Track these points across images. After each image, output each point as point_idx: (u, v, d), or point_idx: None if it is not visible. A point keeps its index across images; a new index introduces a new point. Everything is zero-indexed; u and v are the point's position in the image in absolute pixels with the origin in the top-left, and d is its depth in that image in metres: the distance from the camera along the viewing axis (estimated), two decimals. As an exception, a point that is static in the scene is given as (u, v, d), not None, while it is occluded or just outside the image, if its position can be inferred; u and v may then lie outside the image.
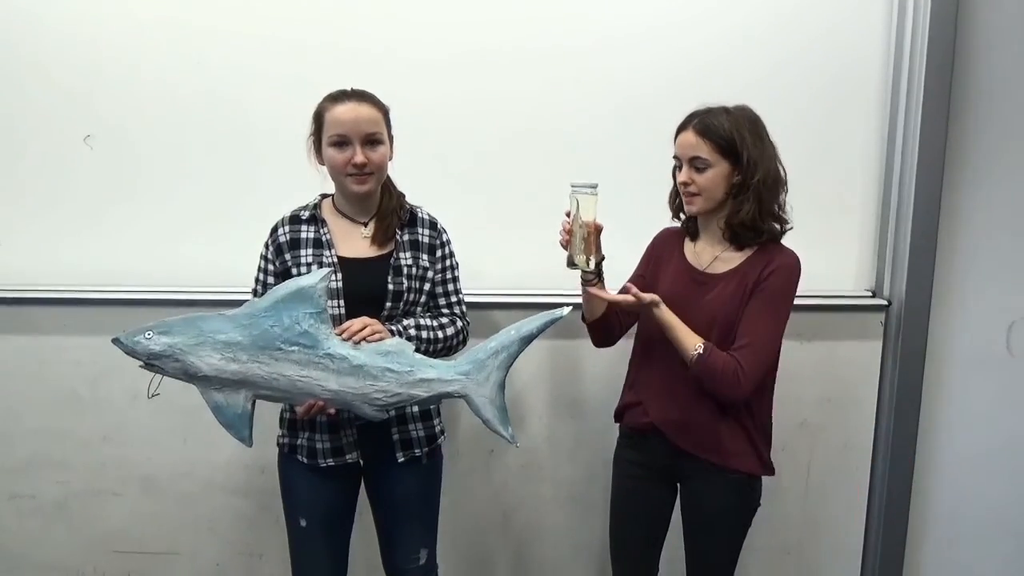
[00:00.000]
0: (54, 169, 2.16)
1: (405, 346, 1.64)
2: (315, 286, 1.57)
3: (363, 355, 1.60)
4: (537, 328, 1.70)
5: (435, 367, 1.65)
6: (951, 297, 2.28)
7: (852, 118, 2.23)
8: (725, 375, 1.61)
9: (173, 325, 1.57)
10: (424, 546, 1.86)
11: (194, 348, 1.55)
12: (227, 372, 1.57)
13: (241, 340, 1.56)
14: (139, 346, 1.55)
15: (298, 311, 1.56)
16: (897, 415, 2.26)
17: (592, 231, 1.64)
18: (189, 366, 1.56)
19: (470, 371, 1.67)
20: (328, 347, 1.58)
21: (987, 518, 2.39)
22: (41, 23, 2.11)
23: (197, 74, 2.13)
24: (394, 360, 1.61)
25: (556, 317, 1.69)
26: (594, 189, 1.63)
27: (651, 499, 1.83)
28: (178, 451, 2.25)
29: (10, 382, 2.22)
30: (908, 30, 2.14)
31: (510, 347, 1.69)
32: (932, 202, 2.18)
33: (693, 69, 2.15)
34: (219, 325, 1.57)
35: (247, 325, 1.57)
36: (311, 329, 1.57)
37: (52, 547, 2.30)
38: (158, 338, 1.55)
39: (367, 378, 1.59)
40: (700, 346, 1.63)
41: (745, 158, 1.63)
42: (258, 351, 1.56)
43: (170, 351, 1.55)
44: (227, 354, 1.56)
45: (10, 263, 2.19)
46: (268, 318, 1.56)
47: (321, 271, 1.62)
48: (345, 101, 1.69)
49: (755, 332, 1.64)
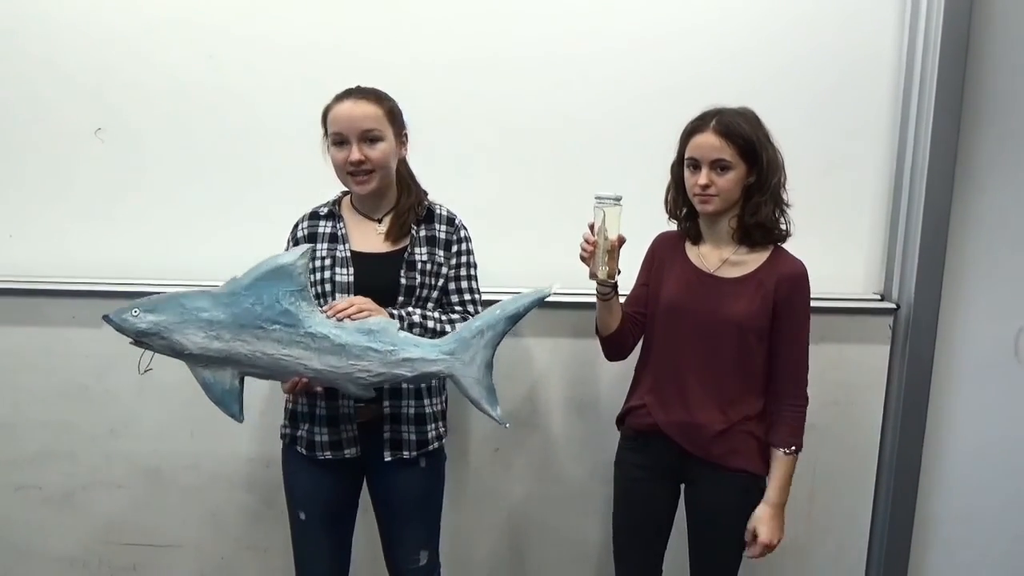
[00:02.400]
0: (64, 162, 2.17)
1: (389, 324, 1.61)
2: (295, 263, 1.56)
3: (345, 334, 1.58)
4: (524, 307, 1.68)
5: (419, 346, 1.63)
6: (960, 302, 2.28)
7: (863, 121, 2.22)
8: (803, 422, 1.74)
9: (158, 303, 1.56)
10: (424, 548, 1.86)
11: (178, 326, 1.55)
12: (211, 350, 1.56)
13: (223, 319, 1.55)
14: (127, 323, 1.55)
15: (278, 289, 1.55)
16: (904, 419, 2.26)
17: (615, 244, 1.64)
18: (175, 344, 1.56)
19: (455, 350, 1.64)
20: (309, 326, 1.56)
21: (993, 523, 2.38)
22: (53, 20, 2.11)
23: (207, 70, 2.13)
24: (377, 339, 1.59)
25: (543, 295, 1.67)
26: (619, 201, 1.62)
27: (654, 500, 1.83)
28: (184, 444, 2.26)
29: (18, 373, 2.22)
30: (920, 33, 2.13)
31: (496, 326, 1.67)
32: (942, 206, 2.17)
33: (703, 71, 2.15)
34: (202, 303, 1.56)
35: (228, 303, 1.55)
36: (292, 307, 1.55)
37: (58, 538, 2.31)
38: (144, 316, 1.55)
39: (349, 357, 1.58)
40: (790, 450, 1.72)
41: (764, 160, 1.64)
42: (240, 329, 1.55)
43: (156, 328, 1.55)
44: (210, 332, 1.55)
45: (20, 255, 2.20)
46: (248, 296, 1.55)
47: (301, 247, 1.60)
48: (345, 100, 1.70)
49: (797, 362, 1.73)
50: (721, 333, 1.69)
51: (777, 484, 1.71)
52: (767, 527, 1.69)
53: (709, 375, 1.71)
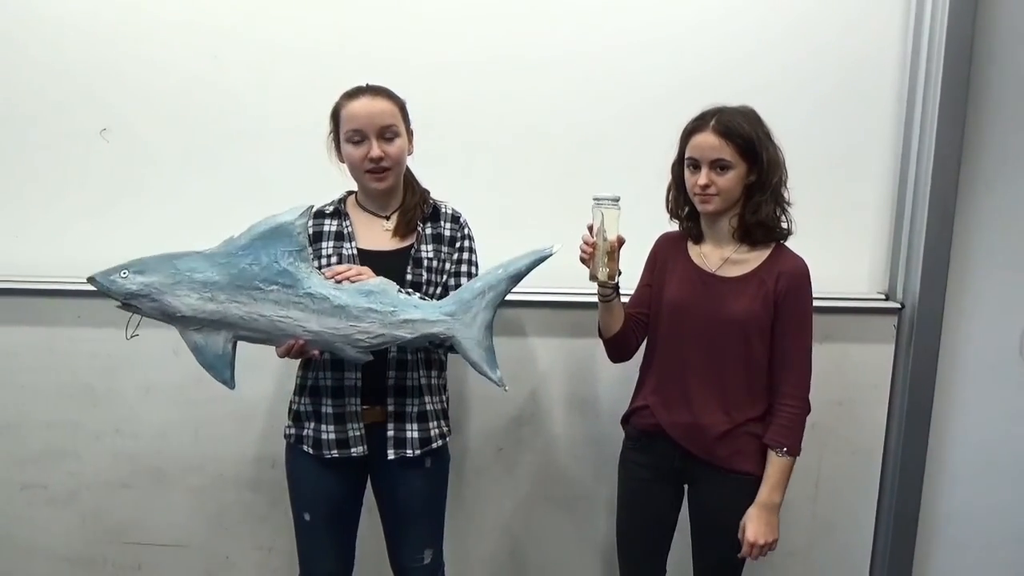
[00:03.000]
0: (70, 162, 2.18)
1: (389, 286, 1.59)
2: (294, 223, 1.53)
3: (345, 295, 1.55)
4: (525, 266, 1.65)
5: (419, 307, 1.60)
6: (965, 301, 2.27)
7: (867, 120, 2.22)
8: (800, 424, 1.70)
9: (149, 263, 1.52)
10: (429, 547, 1.86)
11: (170, 287, 1.50)
12: (205, 312, 1.52)
13: (218, 279, 1.51)
14: (115, 285, 1.50)
15: (276, 249, 1.52)
16: (908, 419, 2.25)
17: (615, 245, 1.63)
18: (166, 306, 1.51)
19: (456, 311, 1.62)
20: (308, 286, 1.53)
21: (998, 523, 2.38)
22: (58, 20, 2.12)
23: (212, 71, 2.14)
24: (377, 300, 1.56)
25: (544, 255, 1.65)
26: (617, 202, 1.61)
27: (658, 501, 1.83)
28: (189, 444, 2.26)
29: (23, 373, 2.23)
30: (925, 31, 2.13)
31: (497, 286, 1.64)
32: (947, 205, 2.17)
33: (709, 70, 2.15)
34: (196, 263, 1.52)
35: (224, 264, 1.52)
36: (290, 267, 1.52)
37: (63, 537, 2.32)
38: (134, 277, 1.50)
39: (349, 319, 1.55)
40: (781, 451, 1.68)
41: (764, 159, 1.64)
42: (236, 291, 1.52)
43: (146, 290, 1.50)
44: (204, 294, 1.51)
45: (25, 255, 2.20)
46: (246, 256, 1.52)
47: (300, 206, 1.57)
48: (359, 97, 1.70)
49: (797, 361, 1.69)
50: (723, 333, 1.69)
51: (768, 484, 1.68)
52: (753, 526, 1.67)
53: (712, 375, 1.71)
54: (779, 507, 1.70)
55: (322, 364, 1.73)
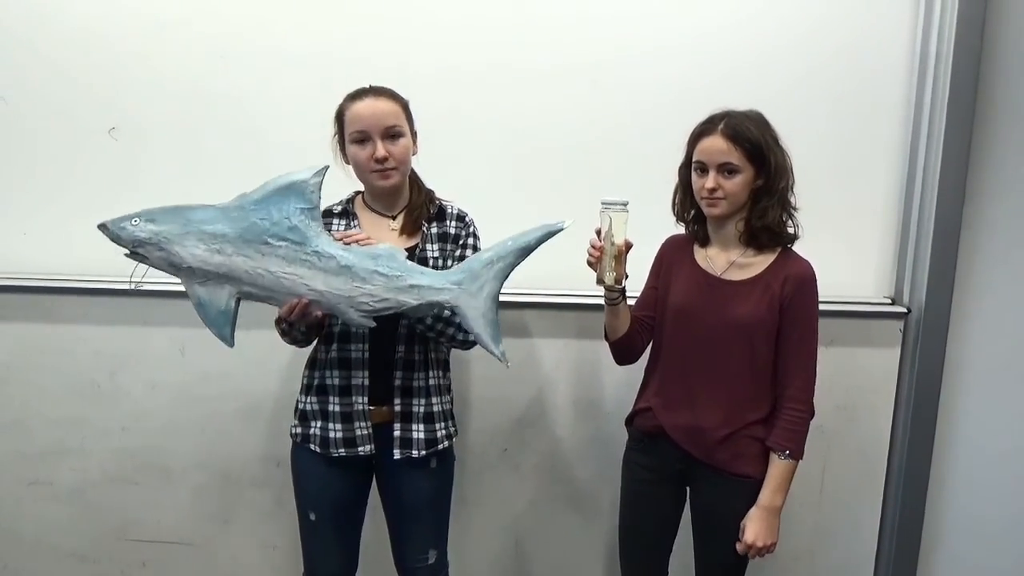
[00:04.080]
0: (77, 161, 2.18)
1: (396, 251, 1.59)
2: (308, 181, 1.53)
3: (352, 256, 1.55)
4: (536, 240, 1.64)
5: (426, 274, 1.60)
6: (971, 306, 2.26)
7: (875, 126, 2.22)
8: (803, 428, 1.69)
9: (160, 213, 1.52)
10: (433, 547, 1.87)
11: (179, 237, 1.50)
12: (211, 264, 1.52)
13: (228, 232, 1.51)
14: (124, 232, 1.51)
15: (289, 206, 1.52)
16: (914, 423, 2.25)
17: (622, 249, 1.63)
18: (173, 256, 1.51)
19: (463, 280, 1.61)
20: (317, 245, 1.53)
21: (1003, 530, 2.37)
22: (66, 20, 2.13)
23: (219, 71, 2.15)
24: (384, 264, 1.56)
25: (556, 229, 1.63)
26: (626, 206, 1.61)
27: (661, 502, 1.83)
28: (195, 442, 2.27)
29: (30, 370, 2.24)
30: (934, 37, 2.12)
31: (507, 257, 1.63)
32: (954, 210, 2.16)
33: (717, 75, 2.15)
34: (207, 215, 1.52)
35: (236, 217, 1.52)
36: (301, 225, 1.52)
37: (69, 534, 2.33)
38: (144, 225, 1.51)
39: (355, 280, 1.55)
40: (783, 454, 1.67)
41: (772, 163, 1.64)
42: (244, 244, 1.51)
43: (155, 239, 1.51)
44: (212, 245, 1.51)
45: (32, 252, 2.21)
46: (258, 211, 1.52)
47: (316, 166, 1.57)
48: (363, 98, 1.70)
49: (802, 365, 1.69)
50: (728, 336, 1.68)
51: (769, 487, 1.68)
52: (753, 527, 1.67)
53: (716, 378, 1.71)
54: (780, 510, 1.69)
55: (329, 363, 1.73)
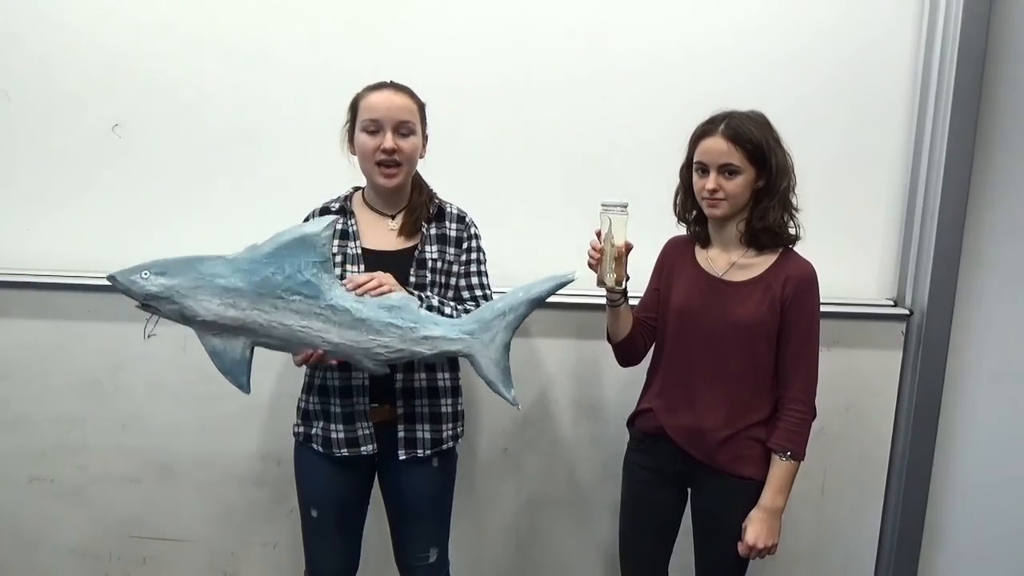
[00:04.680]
0: (79, 158, 2.18)
1: (410, 301, 1.60)
2: (319, 234, 1.53)
3: (366, 308, 1.55)
4: (546, 291, 1.67)
5: (440, 325, 1.61)
6: (973, 308, 2.26)
7: (878, 126, 2.21)
8: (805, 429, 1.68)
9: (171, 265, 1.50)
10: (434, 545, 1.87)
11: (192, 291, 1.49)
12: (226, 318, 1.51)
13: (241, 286, 1.50)
14: (135, 286, 1.49)
15: (301, 259, 1.52)
16: (915, 425, 2.25)
17: (622, 251, 1.63)
18: (186, 309, 1.50)
19: (475, 331, 1.63)
20: (331, 298, 1.53)
21: (1004, 533, 2.37)
22: (70, 17, 2.13)
23: (224, 68, 2.15)
24: (398, 315, 1.57)
25: (566, 280, 1.66)
26: (625, 208, 1.61)
27: (661, 503, 1.83)
28: (196, 440, 2.27)
29: (32, 367, 2.24)
30: (938, 38, 2.12)
31: (518, 309, 1.66)
32: (957, 212, 2.16)
33: (718, 75, 2.15)
34: (219, 269, 1.50)
35: (248, 271, 1.51)
36: (314, 279, 1.52)
37: (69, 530, 2.33)
38: (154, 279, 1.49)
39: (369, 332, 1.55)
40: (785, 455, 1.67)
41: (773, 164, 1.63)
42: (258, 298, 1.51)
43: (167, 293, 1.49)
44: (226, 300, 1.50)
45: (36, 249, 2.21)
46: (270, 265, 1.51)
47: (326, 218, 1.57)
48: (382, 89, 1.71)
49: (804, 366, 1.68)
50: (729, 337, 1.68)
51: (771, 488, 1.67)
52: (754, 528, 1.66)
53: (717, 380, 1.70)
54: (781, 512, 1.69)
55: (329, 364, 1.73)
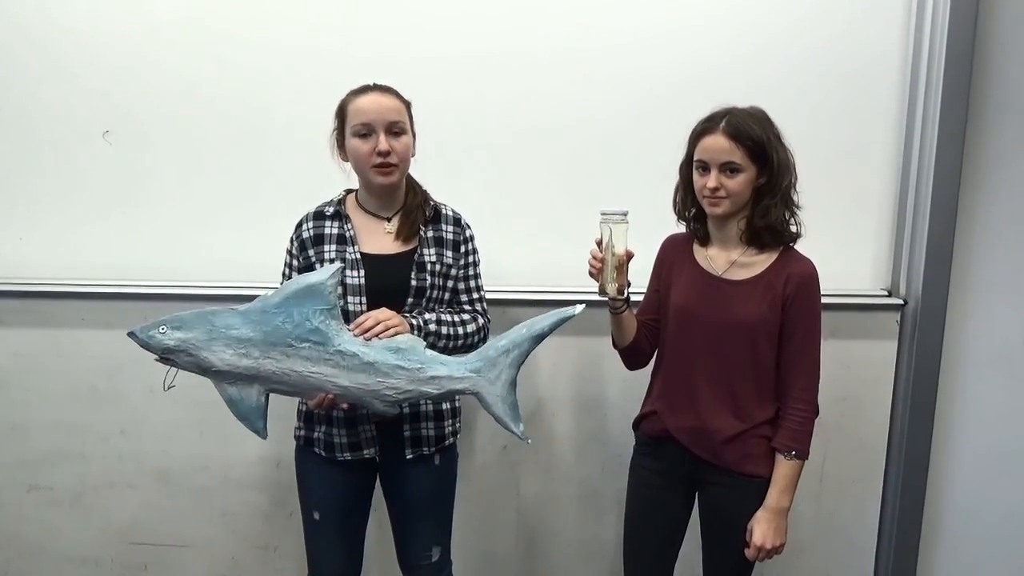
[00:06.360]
0: (73, 165, 2.17)
1: (416, 343, 1.64)
2: (325, 283, 1.57)
3: (374, 352, 1.59)
4: (549, 326, 1.68)
5: (446, 364, 1.64)
6: (967, 297, 2.27)
7: (870, 117, 2.22)
8: (809, 428, 1.69)
9: (186, 320, 1.57)
10: (437, 544, 1.87)
11: (207, 343, 1.56)
12: (239, 367, 1.57)
13: (252, 336, 1.56)
14: (153, 340, 1.56)
15: (308, 308, 1.56)
16: (912, 415, 2.26)
17: (623, 259, 1.63)
18: (202, 361, 1.57)
19: (481, 368, 1.66)
20: (339, 344, 1.58)
21: (1002, 519, 2.38)
22: (60, 21, 2.11)
23: (216, 72, 2.14)
24: (405, 357, 1.61)
25: (568, 315, 1.67)
26: (625, 217, 1.61)
27: (668, 508, 1.81)
28: (194, 445, 2.27)
29: (28, 375, 2.23)
30: (927, 30, 2.13)
31: (521, 345, 1.68)
32: (949, 201, 2.17)
33: (712, 70, 2.15)
34: (231, 320, 1.57)
35: (258, 321, 1.57)
36: (321, 326, 1.57)
37: (69, 538, 2.32)
38: (171, 333, 1.56)
39: (378, 375, 1.59)
40: (790, 455, 1.67)
41: (775, 161, 1.62)
42: (269, 347, 1.57)
43: (183, 346, 1.56)
44: (239, 350, 1.56)
45: (29, 257, 2.20)
46: (279, 314, 1.56)
47: (331, 267, 1.62)
48: (368, 92, 1.71)
49: (806, 364, 1.68)
50: (731, 337, 1.67)
51: (776, 488, 1.67)
52: (760, 529, 1.66)
53: (720, 379, 1.70)
54: (787, 511, 1.69)
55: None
